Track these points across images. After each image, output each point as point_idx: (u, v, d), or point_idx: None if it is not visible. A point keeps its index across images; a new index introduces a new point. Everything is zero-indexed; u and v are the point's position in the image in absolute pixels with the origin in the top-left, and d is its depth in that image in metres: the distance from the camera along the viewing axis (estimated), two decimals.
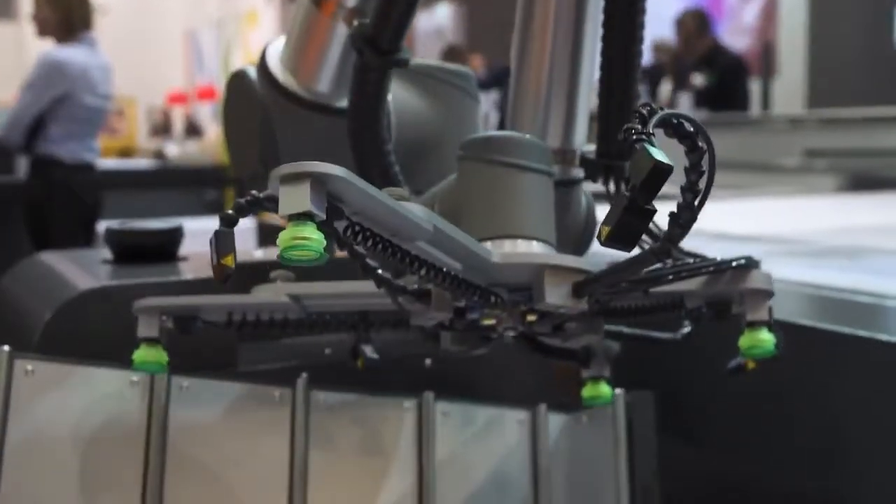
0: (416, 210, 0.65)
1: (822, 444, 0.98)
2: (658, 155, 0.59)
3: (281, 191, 0.59)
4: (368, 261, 0.72)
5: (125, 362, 0.89)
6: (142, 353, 0.83)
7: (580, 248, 0.89)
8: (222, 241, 0.66)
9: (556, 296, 0.72)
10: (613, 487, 0.95)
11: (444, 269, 0.69)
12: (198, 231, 1.13)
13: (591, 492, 0.97)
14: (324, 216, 0.59)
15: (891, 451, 0.93)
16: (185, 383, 0.92)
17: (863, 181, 3.25)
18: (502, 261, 0.72)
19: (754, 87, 5.64)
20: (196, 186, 5.34)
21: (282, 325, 0.86)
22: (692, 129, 0.64)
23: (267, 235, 1.32)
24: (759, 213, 2.39)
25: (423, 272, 0.67)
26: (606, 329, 0.83)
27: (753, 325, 0.77)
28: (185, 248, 1.14)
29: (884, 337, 0.95)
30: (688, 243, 0.73)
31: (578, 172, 0.86)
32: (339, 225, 0.61)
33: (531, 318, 0.75)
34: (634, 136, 0.62)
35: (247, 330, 0.85)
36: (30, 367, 0.88)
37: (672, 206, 0.66)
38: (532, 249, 0.76)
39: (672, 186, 0.63)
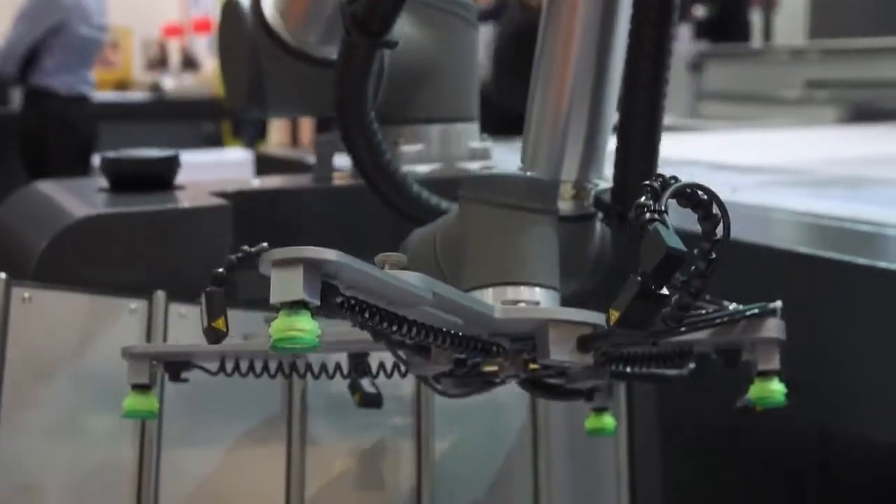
0: (413, 280, 0.62)
1: (822, 373, 0.98)
2: (671, 240, 0.57)
3: (273, 275, 0.56)
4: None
5: (122, 289, 0.89)
6: (132, 401, 0.79)
7: (593, 279, 0.86)
8: (213, 303, 0.64)
9: (560, 352, 0.69)
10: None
11: (445, 330, 0.66)
12: (195, 164, 1.12)
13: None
14: (318, 302, 0.56)
15: (891, 378, 0.93)
16: (183, 310, 0.92)
17: (864, 112, 3.22)
18: (504, 316, 0.69)
19: (755, 17, 5.58)
20: (193, 119, 5.30)
21: (277, 370, 0.83)
22: (706, 198, 0.62)
23: (264, 166, 1.31)
24: (760, 145, 2.37)
25: (422, 338, 0.65)
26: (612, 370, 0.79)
27: (764, 374, 0.75)
28: (181, 179, 1.13)
29: (883, 264, 0.95)
30: (684, 172, 0.71)
31: (591, 207, 0.82)
32: (334, 302, 0.59)
33: (534, 366, 0.72)
34: (647, 216, 0.59)
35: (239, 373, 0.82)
36: (27, 295, 0.88)
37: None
38: (535, 297, 0.74)
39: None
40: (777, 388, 0.75)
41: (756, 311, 0.74)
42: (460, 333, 0.67)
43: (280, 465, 0.90)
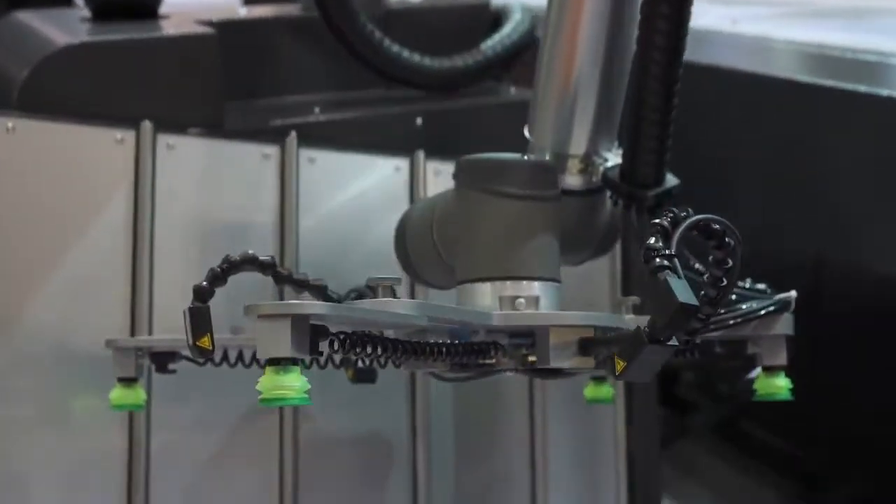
0: (406, 308, 0.59)
1: (818, 202, 0.97)
2: (683, 294, 0.53)
3: (258, 329, 0.54)
4: None
5: (109, 119, 0.87)
6: (119, 395, 0.76)
7: (603, 250, 0.84)
8: (197, 320, 0.61)
9: (561, 357, 0.66)
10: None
11: (441, 345, 0.64)
12: None
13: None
14: (307, 356, 0.54)
15: (889, 206, 0.92)
16: (171, 141, 0.90)
17: None
18: (503, 323, 0.67)
19: None
20: None
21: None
22: (719, 228, 0.60)
23: None
24: None
25: (418, 356, 0.63)
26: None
27: (770, 369, 0.73)
28: (166, 8, 1.09)
29: (885, 92, 0.93)
30: None
31: (599, 182, 0.78)
32: (324, 343, 0.56)
33: (532, 359, 0.69)
34: (657, 261, 0.56)
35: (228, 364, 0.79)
36: (10, 125, 0.85)
37: None
38: (534, 292, 0.71)
39: None
40: (783, 383, 0.73)
41: (772, 308, 0.71)
42: (457, 342, 0.65)
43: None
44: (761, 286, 0.75)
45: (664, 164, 0.72)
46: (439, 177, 0.98)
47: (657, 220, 0.58)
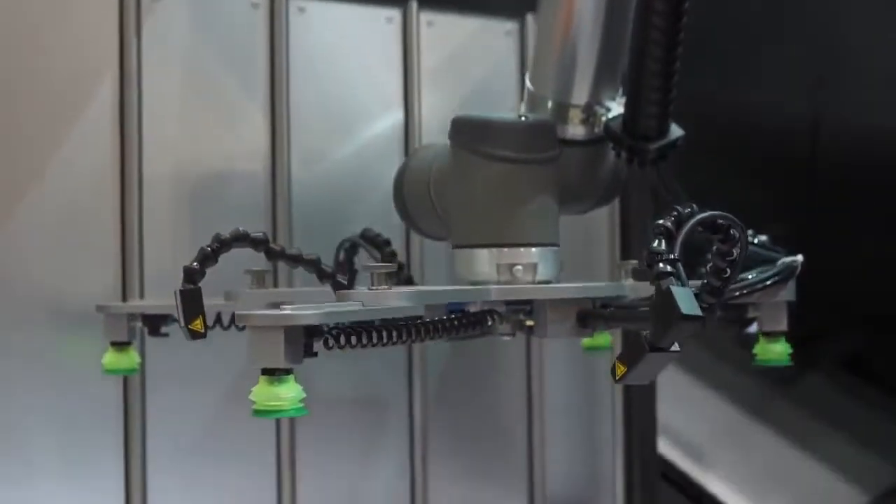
0: (402, 300, 0.59)
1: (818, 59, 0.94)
2: (685, 305, 0.52)
3: (250, 338, 0.52)
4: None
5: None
6: (111, 359, 0.76)
7: (607, 199, 0.81)
8: (188, 302, 0.60)
9: (559, 330, 0.67)
10: None
11: (437, 324, 0.63)
12: None
13: None
14: (301, 363, 0.52)
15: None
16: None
17: None
18: (501, 297, 0.66)
19: None
20: None
21: None
22: (723, 223, 0.58)
23: None
24: None
25: (414, 338, 0.61)
26: None
27: (770, 335, 0.73)
28: None
29: None
30: None
31: (601, 132, 0.75)
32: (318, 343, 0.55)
33: (530, 323, 0.69)
34: (660, 266, 0.54)
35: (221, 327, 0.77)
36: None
37: None
38: (532, 258, 0.69)
39: None
40: (782, 349, 0.73)
41: (777, 278, 0.69)
42: (453, 317, 0.64)
43: None
44: (763, 238, 0.74)
45: (668, 115, 0.70)
46: (432, 28, 0.96)
47: (661, 222, 0.57)
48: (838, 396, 1.36)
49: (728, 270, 0.59)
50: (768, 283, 0.68)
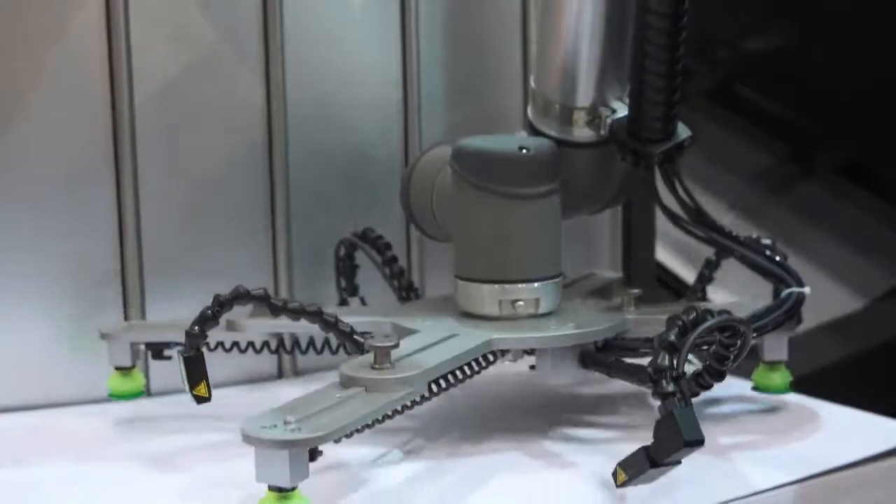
0: (405, 379, 0.57)
1: None
2: (688, 430, 0.51)
3: (257, 456, 0.50)
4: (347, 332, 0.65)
5: None
6: (116, 382, 0.73)
7: (618, 202, 0.79)
8: (191, 369, 0.60)
9: (561, 374, 0.66)
10: None
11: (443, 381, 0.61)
12: None
13: None
14: (307, 476, 0.50)
15: None
16: None
17: None
18: (503, 347, 0.65)
19: None
20: None
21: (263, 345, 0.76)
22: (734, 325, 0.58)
23: None
24: None
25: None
26: None
27: (771, 363, 0.71)
28: None
29: None
30: None
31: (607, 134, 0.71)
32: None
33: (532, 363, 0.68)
34: (664, 385, 0.53)
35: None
36: None
37: None
38: (534, 294, 0.67)
39: None
40: (782, 378, 0.71)
41: (787, 315, 0.66)
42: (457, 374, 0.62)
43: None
44: (767, 242, 0.72)
45: (673, 116, 0.66)
46: None
47: (665, 336, 0.55)
48: (835, 202, 1.36)
49: (730, 359, 0.60)
50: (770, 329, 0.66)
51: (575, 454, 0.64)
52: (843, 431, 0.68)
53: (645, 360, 0.61)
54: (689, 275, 1.29)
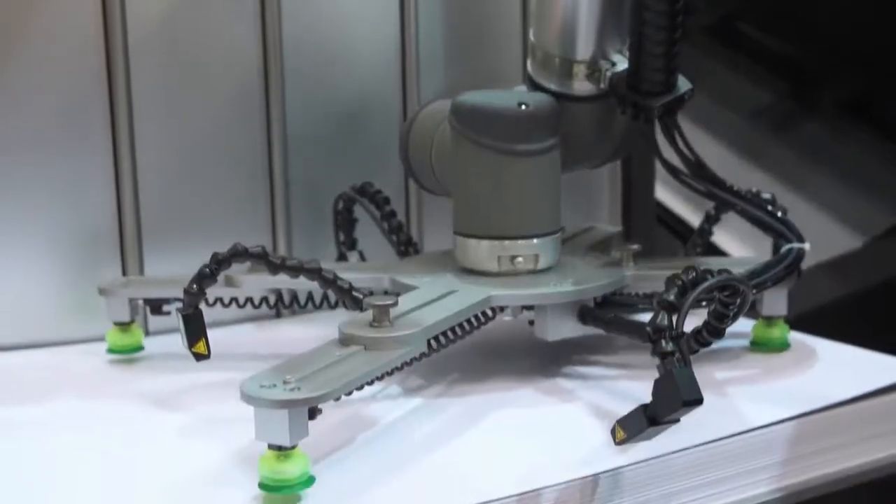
0: (408, 341, 0.57)
1: None
2: (687, 391, 0.51)
3: (256, 416, 0.50)
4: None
5: None
6: (114, 338, 0.74)
7: (620, 155, 0.78)
8: (190, 326, 0.60)
9: (559, 331, 0.66)
10: None
11: (442, 338, 0.61)
12: None
13: None
14: (307, 434, 0.50)
15: None
16: None
17: None
18: (502, 303, 0.65)
19: None
20: None
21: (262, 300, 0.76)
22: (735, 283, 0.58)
23: None
24: None
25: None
26: None
27: (769, 318, 0.70)
28: None
29: None
30: None
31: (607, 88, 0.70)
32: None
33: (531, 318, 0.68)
34: (663, 345, 0.53)
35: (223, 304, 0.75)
36: None
37: None
38: (534, 250, 0.67)
39: None
40: (781, 333, 0.71)
41: (787, 271, 0.67)
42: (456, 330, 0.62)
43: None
44: (767, 197, 0.72)
45: (674, 69, 0.66)
46: None
47: (664, 297, 0.55)
48: (836, 140, 1.35)
49: (730, 316, 0.60)
50: (769, 285, 0.66)
51: (575, 390, 0.65)
52: (843, 368, 0.68)
53: (644, 316, 0.62)
54: (689, 214, 1.29)
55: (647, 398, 0.51)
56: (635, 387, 0.64)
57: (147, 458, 0.56)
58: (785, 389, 0.64)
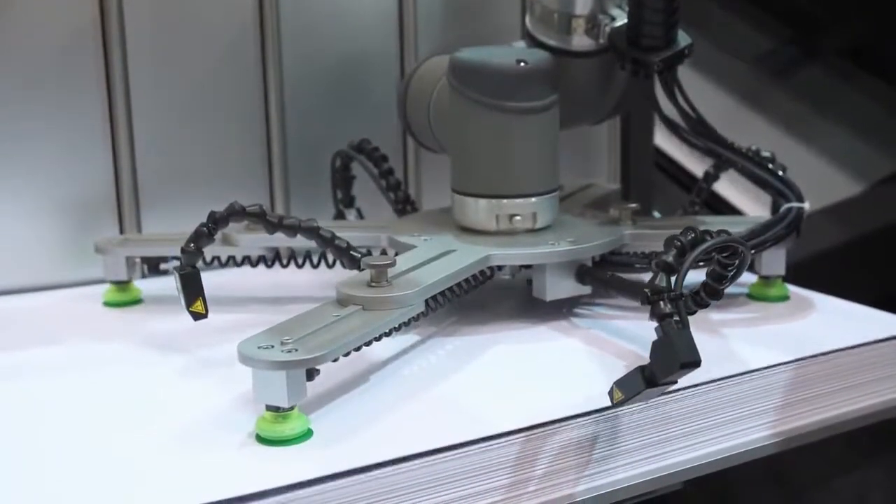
0: (407, 300, 0.57)
1: None
2: (685, 352, 0.50)
3: (254, 377, 0.49)
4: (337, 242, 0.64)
5: None
6: (112, 296, 0.74)
7: (620, 110, 0.77)
8: (188, 285, 0.59)
9: (558, 290, 0.65)
10: None
11: (440, 298, 0.61)
12: None
13: None
14: (305, 395, 0.50)
15: None
16: None
17: None
18: (501, 263, 0.65)
19: None
20: None
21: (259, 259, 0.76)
22: (738, 248, 0.57)
23: None
24: None
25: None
26: None
27: (767, 278, 0.70)
28: None
29: None
30: None
31: (606, 42, 0.69)
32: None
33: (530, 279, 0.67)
34: (661, 306, 0.52)
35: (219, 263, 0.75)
36: None
37: None
38: (531, 209, 0.67)
39: None
40: (778, 291, 0.70)
41: (787, 230, 0.67)
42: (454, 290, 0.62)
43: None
44: (767, 155, 0.71)
45: (674, 23, 0.65)
46: None
47: (662, 258, 0.54)
48: (837, 86, 1.34)
49: (728, 277, 0.59)
50: (769, 245, 0.66)
51: (575, 329, 0.65)
52: (839, 320, 0.68)
53: (642, 276, 0.62)
54: (690, 162, 1.28)
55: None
56: (634, 326, 0.64)
57: (151, 401, 0.56)
58: (783, 334, 0.64)
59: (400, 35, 0.86)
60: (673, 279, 0.54)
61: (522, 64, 0.66)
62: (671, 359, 0.50)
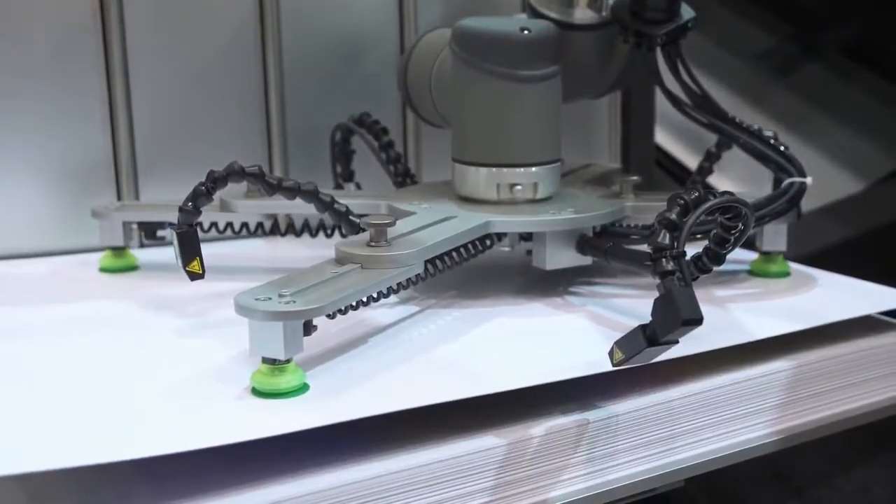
0: (406, 259, 0.56)
1: None
2: (687, 309, 0.49)
3: (251, 329, 0.49)
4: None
5: None
6: (108, 262, 0.74)
7: (623, 84, 0.78)
8: (185, 244, 0.59)
9: (558, 260, 0.65)
10: None
11: (438, 261, 0.61)
12: None
13: None
14: (302, 349, 0.50)
15: None
16: None
17: None
18: (501, 230, 0.64)
19: None
20: None
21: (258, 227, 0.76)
22: (736, 206, 0.56)
23: None
24: None
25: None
26: None
27: (768, 254, 0.70)
28: None
29: None
30: None
31: (609, 16, 0.69)
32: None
33: (529, 248, 0.67)
34: (664, 264, 0.51)
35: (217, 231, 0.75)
36: None
37: None
38: (532, 178, 0.67)
39: None
40: (779, 268, 0.70)
41: (788, 205, 0.66)
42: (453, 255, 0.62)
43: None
44: (769, 134, 0.70)
45: None
46: None
47: (665, 216, 0.53)
48: (837, 84, 1.34)
49: (731, 241, 0.59)
50: (767, 219, 0.66)
51: (574, 306, 0.64)
52: (843, 295, 0.67)
53: (643, 248, 0.61)
54: (688, 158, 1.28)
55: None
56: (633, 303, 0.64)
57: (149, 359, 0.56)
58: (786, 306, 0.64)
59: (399, 9, 0.86)
60: (676, 236, 0.53)
61: (526, 32, 0.66)
62: (673, 316, 0.49)
